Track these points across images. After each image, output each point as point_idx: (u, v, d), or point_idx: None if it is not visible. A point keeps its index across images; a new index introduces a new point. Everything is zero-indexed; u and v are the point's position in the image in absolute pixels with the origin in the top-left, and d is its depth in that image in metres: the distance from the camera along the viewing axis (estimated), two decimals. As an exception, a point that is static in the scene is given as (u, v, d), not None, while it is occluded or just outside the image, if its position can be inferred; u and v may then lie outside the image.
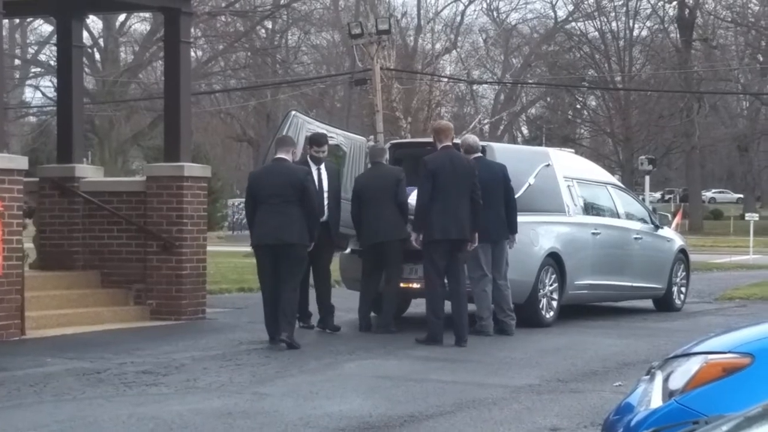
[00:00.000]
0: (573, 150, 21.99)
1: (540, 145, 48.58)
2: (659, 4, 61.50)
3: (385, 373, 10.07)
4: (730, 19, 60.46)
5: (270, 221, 11.63)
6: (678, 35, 60.60)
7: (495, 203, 12.71)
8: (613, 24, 62.69)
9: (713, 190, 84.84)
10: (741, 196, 76.06)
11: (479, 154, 13.09)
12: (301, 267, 11.92)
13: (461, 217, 11.97)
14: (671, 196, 78.06)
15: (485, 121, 53.94)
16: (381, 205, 12.85)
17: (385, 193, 12.85)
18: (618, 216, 15.91)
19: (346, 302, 14.21)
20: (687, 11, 59.89)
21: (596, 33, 62.90)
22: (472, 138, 13.80)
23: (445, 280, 12.14)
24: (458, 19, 63.46)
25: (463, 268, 12.19)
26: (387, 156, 13.49)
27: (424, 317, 12.59)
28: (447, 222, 11.92)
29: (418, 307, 14.27)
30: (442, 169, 12.01)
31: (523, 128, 73.22)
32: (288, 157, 11.96)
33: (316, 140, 13.09)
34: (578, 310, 15.06)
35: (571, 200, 14.84)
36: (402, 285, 13.24)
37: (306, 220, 11.64)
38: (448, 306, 12.22)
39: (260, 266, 11.93)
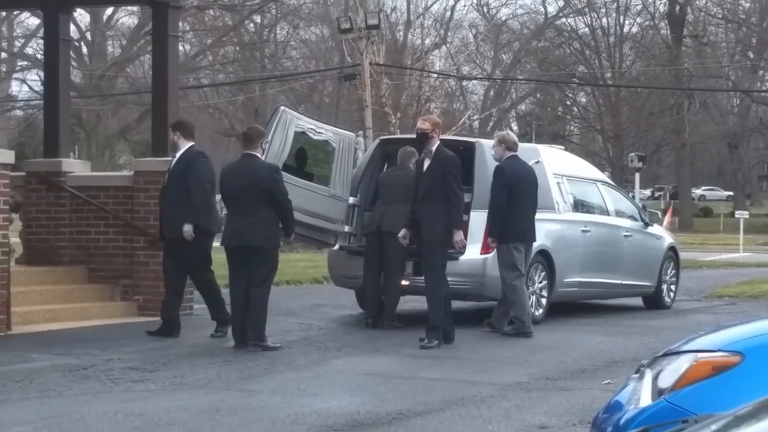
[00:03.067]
0: (563, 147, 21.96)
1: (530, 141, 48.57)
2: (650, 0, 61.59)
3: (373, 370, 10.03)
4: (720, 16, 60.54)
5: (235, 222, 11.27)
6: (668, 32, 60.64)
7: (528, 204, 12.80)
8: (604, 20, 62.77)
9: (703, 188, 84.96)
10: (731, 193, 76.22)
11: (515, 153, 13.03)
12: (269, 268, 11.37)
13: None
14: (661, 193, 78.18)
15: (474, 117, 53.95)
16: (393, 201, 12.84)
17: (402, 192, 12.68)
18: (608, 213, 15.88)
19: (333, 299, 14.17)
20: (678, 8, 59.95)
21: (586, 29, 62.96)
22: (512, 136, 13.60)
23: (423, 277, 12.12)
24: (448, 14, 63.46)
25: None
26: (415, 158, 13.10)
27: (409, 314, 12.49)
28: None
29: (405, 303, 14.22)
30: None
31: (512, 125, 73.24)
32: (257, 152, 11.40)
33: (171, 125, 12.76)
34: (567, 308, 15.03)
35: (560, 197, 14.80)
36: None
37: (278, 219, 11.22)
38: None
39: (229, 267, 11.48)
